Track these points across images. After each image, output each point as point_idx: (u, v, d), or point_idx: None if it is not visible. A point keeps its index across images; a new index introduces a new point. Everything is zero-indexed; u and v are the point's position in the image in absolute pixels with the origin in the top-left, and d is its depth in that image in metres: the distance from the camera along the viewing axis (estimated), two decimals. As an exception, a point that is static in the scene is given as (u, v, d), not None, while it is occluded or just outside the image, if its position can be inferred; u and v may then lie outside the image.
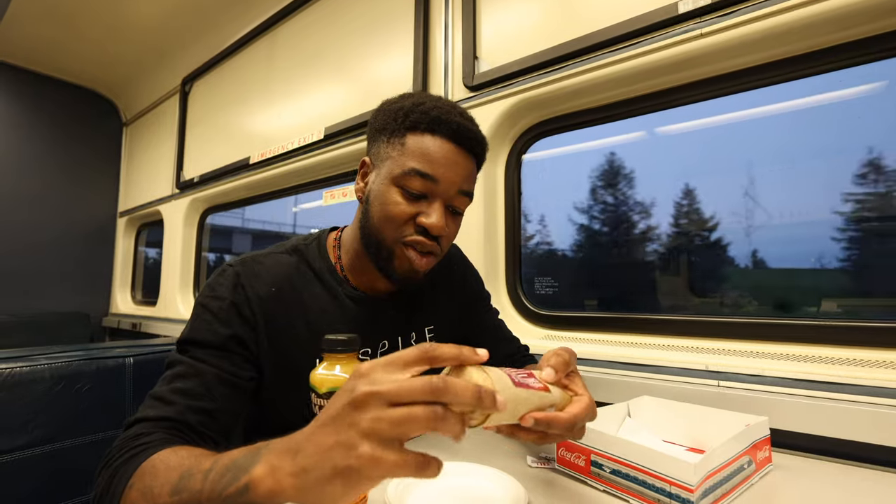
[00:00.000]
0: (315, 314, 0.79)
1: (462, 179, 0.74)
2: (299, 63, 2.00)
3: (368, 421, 0.37)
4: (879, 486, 0.68)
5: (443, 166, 0.72)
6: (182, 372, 0.67)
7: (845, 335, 0.88)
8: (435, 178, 0.72)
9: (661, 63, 1.05)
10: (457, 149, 0.73)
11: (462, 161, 0.74)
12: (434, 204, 0.73)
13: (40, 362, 0.89)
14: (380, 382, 0.38)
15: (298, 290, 0.79)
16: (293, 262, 0.82)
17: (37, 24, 2.50)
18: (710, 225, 1.24)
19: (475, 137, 0.75)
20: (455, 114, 0.74)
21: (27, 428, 0.84)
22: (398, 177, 0.73)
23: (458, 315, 0.98)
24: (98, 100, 3.24)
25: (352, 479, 0.37)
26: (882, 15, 0.85)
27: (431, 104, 0.74)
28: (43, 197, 2.95)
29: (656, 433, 0.82)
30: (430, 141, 0.72)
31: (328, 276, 0.83)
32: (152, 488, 0.50)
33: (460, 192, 0.75)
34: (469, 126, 0.74)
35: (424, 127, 0.72)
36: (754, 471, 0.67)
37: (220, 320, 0.71)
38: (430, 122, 0.72)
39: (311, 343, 0.76)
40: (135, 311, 3.03)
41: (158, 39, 2.59)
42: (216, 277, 0.76)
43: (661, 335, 1.09)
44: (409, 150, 0.73)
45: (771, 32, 0.93)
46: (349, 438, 0.37)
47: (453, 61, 1.41)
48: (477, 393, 0.39)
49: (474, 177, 0.79)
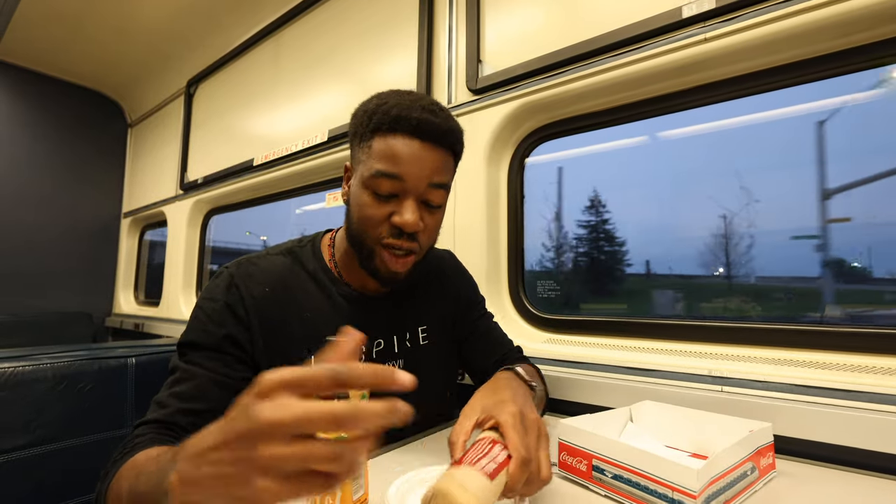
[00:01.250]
0: (309, 312, 0.81)
1: (431, 173, 0.75)
2: (304, 65, 2.01)
3: (266, 459, 0.32)
4: (885, 494, 0.67)
5: (407, 164, 0.73)
6: (179, 377, 0.70)
7: (851, 341, 0.88)
8: (400, 176, 0.73)
9: (664, 67, 1.05)
10: (421, 143, 0.74)
11: (428, 155, 0.74)
12: (405, 202, 0.74)
13: (43, 362, 0.89)
14: (283, 409, 0.32)
15: (292, 290, 0.81)
16: (287, 263, 0.84)
17: (44, 26, 2.52)
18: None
19: (439, 129, 0.75)
20: (416, 109, 0.74)
21: (29, 427, 0.84)
22: (367, 179, 0.74)
23: (453, 320, 0.99)
24: (103, 101, 3.26)
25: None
26: (884, 21, 0.85)
27: (393, 103, 0.74)
28: (47, 197, 2.97)
29: (659, 438, 0.81)
30: (393, 140, 0.73)
31: (322, 275, 0.85)
32: (121, 487, 0.54)
33: (431, 185, 0.75)
34: (431, 119, 0.74)
35: (387, 127, 0.73)
36: (757, 477, 0.67)
37: (213, 321, 0.74)
38: (391, 121, 0.73)
39: (306, 341, 0.79)
40: (138, 311, 3.03)
41: (164, 42, 2.60)
42: (212, 280, 0.79)
43: (663, 339, 1.08)
44: (375, 153, 0.74)
45: (775, 37, 0.92)
46: (245, 472, 0.33)
47: (457, 64, 1.42)
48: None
49: (448, 167, 0.79)
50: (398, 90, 0.79)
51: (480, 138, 1.32)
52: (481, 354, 1.00)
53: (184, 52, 2.64)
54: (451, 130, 0.77)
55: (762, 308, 1.19)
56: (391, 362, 0.87)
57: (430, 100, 0.78)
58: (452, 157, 0.80)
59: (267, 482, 0.33)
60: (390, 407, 0.33)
